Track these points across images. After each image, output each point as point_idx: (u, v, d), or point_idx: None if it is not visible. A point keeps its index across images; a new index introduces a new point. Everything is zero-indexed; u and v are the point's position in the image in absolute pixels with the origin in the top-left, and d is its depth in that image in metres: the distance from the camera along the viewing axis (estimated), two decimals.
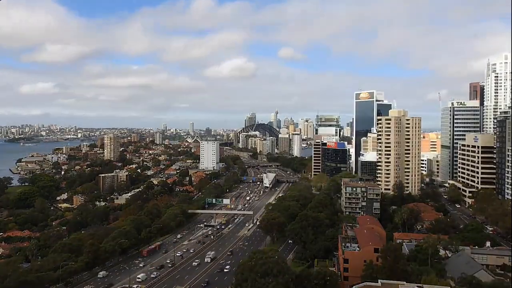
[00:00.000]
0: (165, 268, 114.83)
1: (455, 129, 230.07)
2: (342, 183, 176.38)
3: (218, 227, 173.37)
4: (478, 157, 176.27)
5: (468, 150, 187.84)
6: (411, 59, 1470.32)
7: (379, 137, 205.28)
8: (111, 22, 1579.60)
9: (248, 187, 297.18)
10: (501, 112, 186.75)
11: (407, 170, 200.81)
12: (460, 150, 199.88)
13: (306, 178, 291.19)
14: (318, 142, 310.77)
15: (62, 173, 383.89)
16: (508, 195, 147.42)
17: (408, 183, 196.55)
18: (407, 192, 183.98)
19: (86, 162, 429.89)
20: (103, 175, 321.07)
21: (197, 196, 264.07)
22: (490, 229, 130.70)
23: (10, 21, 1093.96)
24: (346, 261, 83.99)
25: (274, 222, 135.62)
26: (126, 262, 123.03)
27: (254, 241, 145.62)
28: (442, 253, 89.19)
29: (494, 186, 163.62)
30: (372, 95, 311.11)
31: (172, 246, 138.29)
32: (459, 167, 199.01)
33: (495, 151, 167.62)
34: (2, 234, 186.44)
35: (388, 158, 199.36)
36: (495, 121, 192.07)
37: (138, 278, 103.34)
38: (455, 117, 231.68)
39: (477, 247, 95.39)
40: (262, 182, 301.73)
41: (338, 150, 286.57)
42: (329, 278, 72.66)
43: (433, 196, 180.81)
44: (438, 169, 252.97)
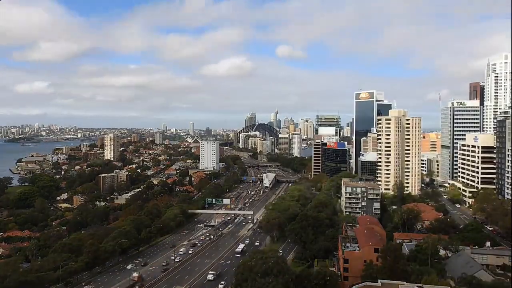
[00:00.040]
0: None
1: (455, 129, 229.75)
2: (342, 183, 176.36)
3: (218, 227, 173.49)
4: (478, 157, 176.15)
5: (468, 150, 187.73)
6: (411, 59, 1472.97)
7: (379, 137, 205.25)
8: (107, 20, 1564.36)
9: (248, 187, 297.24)
10: (501, 112, 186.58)
11: (407, 170, 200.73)
12: (460, 150, 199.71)
13: (306, 178, 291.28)
14: (318, 142, 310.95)
15: (62, 173, 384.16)
16: (508, 195, 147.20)
17: (408, 183, 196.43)
18: (407, 192, 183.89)
19: (87, 162, 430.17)
20: (103, 175, 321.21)
21: (197, 196, 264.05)
22: (490, 229, 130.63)
23: (3, 18, 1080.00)
24: (346, 261, 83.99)
25: (274, 222, 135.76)
26: (126, 262, 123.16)
27: (254, 241, 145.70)
28: (442, 253, 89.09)
29: (494, 186, 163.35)
30: (372, 95, 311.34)
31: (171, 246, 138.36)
32: (459, 167, 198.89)
33: (495, 151, 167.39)
34: (2, 234, 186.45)
35: (388, 158, 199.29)
36: (495, 121, 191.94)
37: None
38: (455, 117, 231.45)
39: (477, 247, 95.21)
40: (262, 182, 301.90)
41: (338, 150, 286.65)
42: (329, 278, 72.68)
43: (433, 196, 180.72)
44: (438, 169, 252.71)
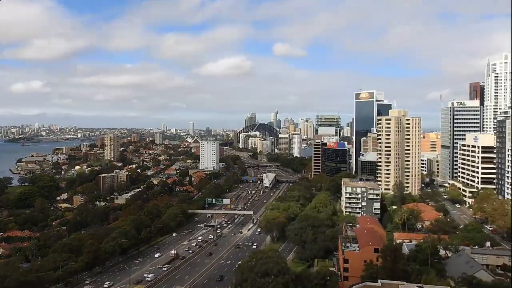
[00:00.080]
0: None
1: (455, 129, 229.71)
2: (342, 183, 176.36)
3: (218, 227, 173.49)
4: (478, 157, 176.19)
5: (468, 150, 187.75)
6: (411, 59, 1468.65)
7: (379, 137, 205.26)
8: (103, 18, 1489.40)
9: (248, 187, 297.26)
10: (501, 112, 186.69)
11: (407, 170, 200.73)
12: (460, 150, 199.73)
13: (306, 178, 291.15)
14: (318, 142, 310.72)
15: (62, 173, 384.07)
16: (508, 195, 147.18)
17: (408, 183, 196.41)
18: (407, 192, 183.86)
19: (87, 162, 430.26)
20: (103, 175, 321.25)
21: (197, 196, 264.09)
22: (490, 229, 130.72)
23: None
24: (346, 261, 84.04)
25: (274, 222, 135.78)
26: (126, 262, 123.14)
27: (254, 241, 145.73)
28: (442, 253, 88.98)
29: (494, 186, 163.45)
30: (372, 95, 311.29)
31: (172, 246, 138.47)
32: (459, 167, 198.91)
33: (495, 151, 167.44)
34: (2, 234, 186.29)
35: (388, 158, 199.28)
36: (495, 121, 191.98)
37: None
38: (455, 117, 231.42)
39: (477, 247, 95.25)
40: (262, 182, 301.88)
41: (338, 150, 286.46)
42: (329, 278, 72.64)
43: (433, 196, 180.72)
44: (438, 169, 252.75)
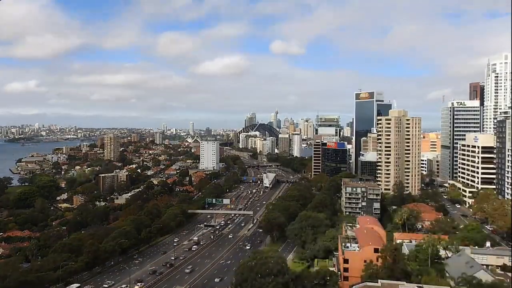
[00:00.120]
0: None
1: (455, 129, 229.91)
2: (342, 183, 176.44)
3: (218, 227, 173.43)
4: (478, 157, 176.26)
5: (468, 150, 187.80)
6: (412, 59, 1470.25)
7: (379, 137, 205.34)
8: (98, 17, 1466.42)
9: (248, 187, 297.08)
10: (501, 112, 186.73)
11: (407, 170, 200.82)
12: (460, 150, 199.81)
13: (306, 178, 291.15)
14: (318, 142, 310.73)
15: (62, 173, 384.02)
16: (508, 195, 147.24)
17: (408, 183, 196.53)
18: (407, 192, 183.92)
19: (86, 162, 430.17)
20: (103, 175, 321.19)
21: (197, 196, 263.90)
22: (490, 229, 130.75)
23: None
24: (346, 261, 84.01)
25: (274, 222, 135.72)
26: (126, 262, 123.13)
27: (254, 241, 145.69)
28: (442, 253, 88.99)
29: (494, 186, 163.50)
30: (372, 95, 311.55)
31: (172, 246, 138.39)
32: (459, 167, 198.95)
33: (495, 151, 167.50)
34: (2, 234, 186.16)
35: (388, 158, 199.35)
36: (495, 121, 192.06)
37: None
38: (455, 117, 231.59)
39: (477, 247, 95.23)
40: (262, 182, 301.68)
41: (338, 150, 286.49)
42: (329, 278, 72.76)
43: (433, 196, 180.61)
44: (438, 169, 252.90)
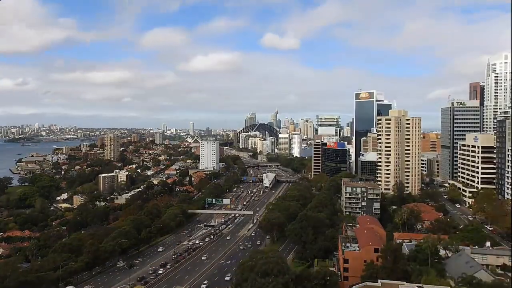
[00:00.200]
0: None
1: (455, 129, 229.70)
2: (342, 183, 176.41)
3: (218, 227, 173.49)
4: (478, 157, 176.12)
5: (468, 150, 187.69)
6: (412, 58, 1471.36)
7: (379, 137, 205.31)
8: (87, 11, 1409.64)
9: (248, 187, 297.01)
10: (501, 112, 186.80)
11: (407, 170, 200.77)
12: (460, 150, 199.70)
13: (306, 178, 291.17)
14: (318, 142, 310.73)
15: (62, 173, 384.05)
16: (508, 195, 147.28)
17: (408, 183, 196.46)
18: (407, 192, 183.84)
19: (86, 162, 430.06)
20: (103, 175, 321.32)
21: (197, 196, 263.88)
22: (490, 229, 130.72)
23: None
24: (346, 261, 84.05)
25: (274, 222, 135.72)
26: (126, 262, 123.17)
27: (254, 241, 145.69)
28: (442, 253, 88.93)
29: (494, 186, 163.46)
30: (372, 95, 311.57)
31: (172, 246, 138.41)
32: (459, 167, 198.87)
33: (495, 151, 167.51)
34: (2, 234, 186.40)
35: (388, 158, 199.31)
36: (495, 121, 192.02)
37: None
38: (455, 117, 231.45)
39: (477, 247, 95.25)
40: (262, 182, 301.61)
41: (338, 150, 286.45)
42: (329, 278, 72.64)
43: (433, 196, 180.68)
44: (438, 169, 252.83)
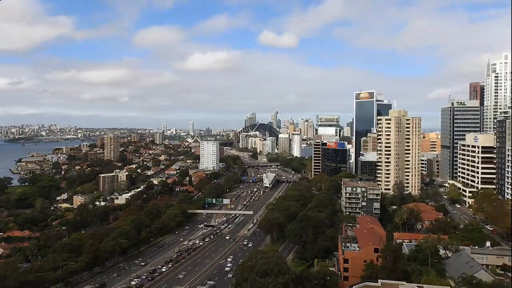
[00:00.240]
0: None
1: (455, 129, 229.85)
2: (342, 183, 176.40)
3: (218, 227, 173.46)
4: (478, 157, 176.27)
5: (468, 150, 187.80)
6: (412, 58, 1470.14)
7: (379, 137, 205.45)
8: (82, 10, 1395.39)
9: (248, 187, 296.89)
10: (501, 112, 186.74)
11: (407, 170, 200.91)
12: (460, 150, 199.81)
13: (306, 178, 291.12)
14: (318, 142, 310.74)
15: (62, 173, 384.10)
16: (508, 195, 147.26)
17: (408, 183, 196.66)
18: (407, 192, 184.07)
19: (86, 162, 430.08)
20: (103, 175, 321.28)
21: (197, 196, 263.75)
22: (490, 229, 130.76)
23: None
24: (346, 261, 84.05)
25: (274, 222, 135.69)
26: (126, 262, 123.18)
27: (254, 241, 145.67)
28: (442, 253, 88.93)
29: (494, 186, 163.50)
30: (372, 95, 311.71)
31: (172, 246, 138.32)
32: (459, 167, 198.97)
33: (495, 151, 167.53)
34: (2, 234, 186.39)
35: (388, 158, 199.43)
36: (495, 121, 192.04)
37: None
38: (455, 117, 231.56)
39: (477, 247, 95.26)
40: (262, 182, 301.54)
41: (338, 150, 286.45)
42: (329, 278, 72.62)
43: (433, 196, 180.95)
44: (438, 169, 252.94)
